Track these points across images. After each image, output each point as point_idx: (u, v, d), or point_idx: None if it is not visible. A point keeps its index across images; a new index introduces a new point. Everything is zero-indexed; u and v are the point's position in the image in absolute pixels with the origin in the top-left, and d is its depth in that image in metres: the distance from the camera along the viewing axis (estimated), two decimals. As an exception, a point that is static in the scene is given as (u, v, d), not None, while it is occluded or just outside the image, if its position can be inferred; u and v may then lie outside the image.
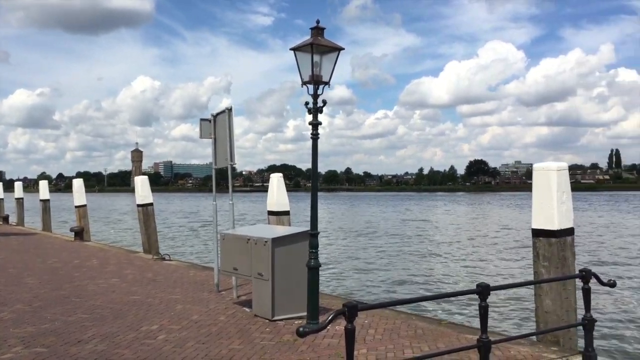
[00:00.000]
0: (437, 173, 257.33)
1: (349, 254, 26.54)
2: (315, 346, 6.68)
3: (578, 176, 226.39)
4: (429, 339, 7.04)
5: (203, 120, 10.32)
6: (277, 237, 8.01)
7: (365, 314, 8.10)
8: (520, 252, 25.92)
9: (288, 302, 8.00)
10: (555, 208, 7.21)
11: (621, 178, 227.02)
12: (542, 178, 7.34)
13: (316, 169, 7.57)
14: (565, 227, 7.30)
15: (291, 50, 7.35)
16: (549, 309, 7.19)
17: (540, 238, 7.33)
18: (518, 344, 6.75)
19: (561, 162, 7.43)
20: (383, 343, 6.87)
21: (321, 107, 7.30)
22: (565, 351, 6.64)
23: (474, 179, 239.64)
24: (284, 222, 11.81)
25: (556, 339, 7.05)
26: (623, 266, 22.30)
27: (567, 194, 7.37)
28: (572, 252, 7.40)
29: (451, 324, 8.24)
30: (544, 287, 7.20)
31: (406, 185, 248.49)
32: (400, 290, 17.33)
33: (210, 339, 7.01)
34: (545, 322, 7.20)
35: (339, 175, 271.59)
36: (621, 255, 25.65)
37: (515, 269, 21.16)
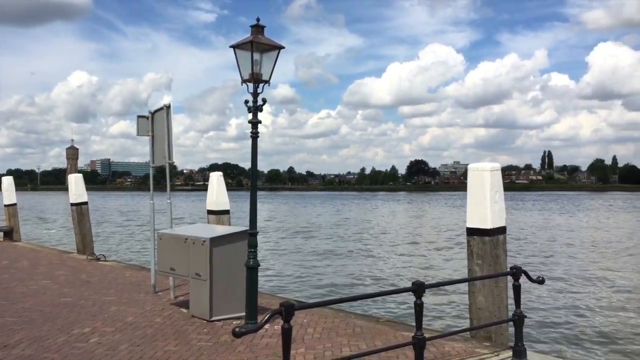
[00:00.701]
0: (378, 173, 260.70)
1: (290, 253, 26.54)
2: (253, 346, 6.63)
3: (513, 176, 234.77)
4: (367, 337, 7.11)
5: (140, 117, 10.07)
6: (215, 237, 7.91)
7: (305, 313, 8.11)
8: (456, 250, 26.59)
9: (226, 302, 7.91)
10: (489, 207, 7.40)
11: (553, 178, 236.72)
12: (476, 178, 7.53)
13: (256, 168, 7.51)
14: (497, 226, 7.51)
15: (231, 47, 7.27)
16: (482, 305, 7.38)
17: (474, 236, 7.52)
18: (452, 340, 6.92)
19: (494, 163, 7.64)
20: (321, 342, 6.89)
21: (261, 105, 7.25)
22: (497, 346, 6.84)
23: (414, 178, 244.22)
24: (224, 221, 11.69)
25: (488, 335, 7.25)
26: (552, 263, 23.25)
27: (500, 193, 7.58)
28: (504, 250, 7.63)
29: (389, 322, 8.35)
30: (477, 284, 7.39)
31: (348, 185, 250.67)
32: (340, 288, 17.46)
33: (145, 341, 6.85)
34: (478, 319, 7.39)
35: (281, 175, 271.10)
36: (550, 253, 26.74)
37: (451, 267, 21.69)
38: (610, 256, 25.62)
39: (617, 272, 20.90)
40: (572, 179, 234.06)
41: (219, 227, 9.70)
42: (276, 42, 7.29)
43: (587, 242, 32.22)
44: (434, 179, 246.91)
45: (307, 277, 19.67)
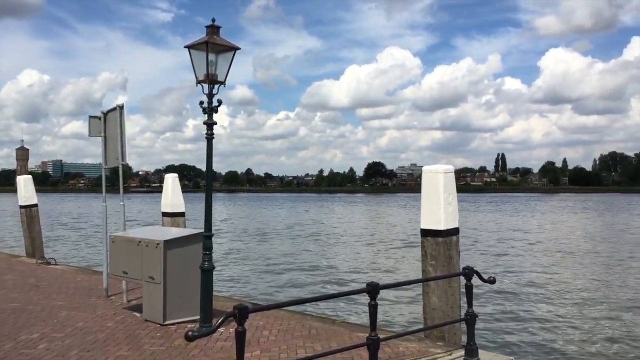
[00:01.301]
0: (337, 175, 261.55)
1: (247, 256, 26.40)
2: (208, 350, 6.57)
3: (468, 179, 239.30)
4: (323, 339, 7.13)
5: (92, 118, 9.85)
6: (170, 240, 7.80)
7: (261, 316, 8.07)
8: (412, 251, 26.94)
9: (181, 305, 7.81)
10: (442, 209, 7.53)
11: (506, 180, 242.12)
12: (430, 181, 7.64)
13: (211, 170, 7.45)
14: (451, 228, 7.65)
15: (186, 48, 7.20)
16: (435, 306, 7.50)
17: (428, 238, 7.64)
18: (407, 341, 6.99)
19: (448, 166, 7.77)
20: (277, 344, 6.88)
21: (217, 107, 7.19)
22: (450, 346, 6.95)
23: (372, 180, 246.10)
24: (179, 223, 11.55)
25: (442, 335, 7.37)
26: (504, 263, 23.79)
27: (453, 195, 7.72)
28: (458, 251, 7.77)
29: (345, 323, 8.39)
30: (431, 285, 7.50)
31: (307, 187, 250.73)
32: (296, 290, 17.47)
33: (97, 347, 6.70)
34: (432, 319, 7.50)
35: (239, 176, 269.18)
36: (502, 253, 27.37)
37: (406, 268, 21.95)
38: (560, 256, 26.38)
39: (566, 272, 21.55)
40: (525, 181, 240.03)
41: (173, 230, 9.58)
42: (232, 43, 7.24)
43: (537, 242, 33.11)
44: (392, 181, 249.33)
45: (264, 280, 19.60)
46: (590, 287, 18.49)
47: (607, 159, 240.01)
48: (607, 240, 34.35)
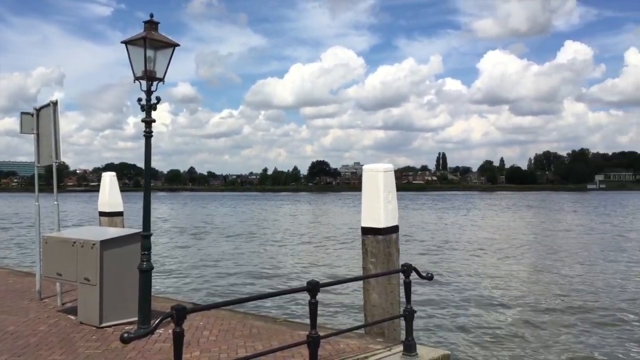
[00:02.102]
0: (281, 173, 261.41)
1: (188, 255, 26.02)
2: (146, 352, 6.44)
3: (410, 177, 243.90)
4: (264, 338, 7.11)
5: (24, 114, 9.47)
6: (106, 240, 7.60)
7: (201, 316, 7.98)
8: (353, 249, 27.21)
9: (118, 307, 7.62)
10: (382, 207, 7.65)
11: (447, 179, 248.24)
12: (370, 179, 7.75)
13: (149, 168, 7.30)
14: (390, 225, 7.79)
15: (123, 43, 7.03)
16: (375, 302, 7.61)
17: (368, 235, 7.75)
18: (347, 338, 7.06)
19: (388, 164, 7.90)
20: (217, 344, 6.82)
21: (155, 104, 7.06)
22: (390, 342, 7.07)
23: (316, 179, 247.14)
24: (117, 223, 11.27)
25: (382, 331, 7.49)
26: (443, 260, 24.37)
27: (393, 193, 7.85)
28: (397, 248, 7.91)
29: (287, 322, 8.40)
30: (371, 282, 7.62)
31: (251, 186, 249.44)
32: (238, 289, 17.36)
33: (28, 351, 6.46)
34: (372, 315, 7.62)
35: (182, 175, 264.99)
36: (441, 250, 28.04)
37: (348, 266, 22.14)
38: (496, 253, 27.23)
39: (502, 267, 22.26)
40: (464, 180, 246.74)
41: (110, 230, 9.35)
42: (171, 39, 7.12)
43: (475, 239, 34.06)
44: (335, 179, 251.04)
45: (205, 279, 19.37)
46: (524, 282, 19.18)
47: (541, 158, 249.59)
48: (539, 236, 35.71)
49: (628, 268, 21.91)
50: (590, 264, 23.16)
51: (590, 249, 28.52)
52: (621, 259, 24.61)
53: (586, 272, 20.91)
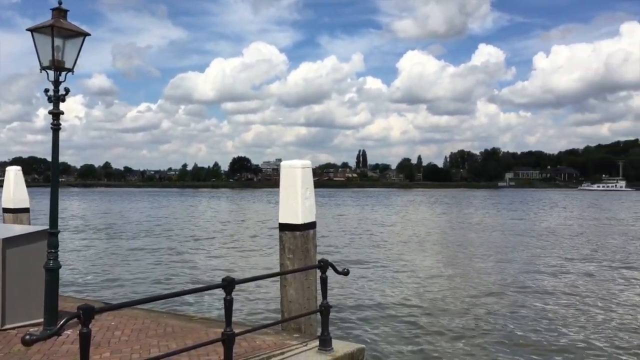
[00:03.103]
0: (201, 169, 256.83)
1: (99, 253, 25.12)
2: (52, 354, 6.17)
3: (331, 174, 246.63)
4: (178, 336, 6.99)
5: None
6: (10, 237, 7.21)
7: (113, 315, 7.74)
8: (272, 245, 27.20)
9: (23, 308, 7.25)
10: (300, 203, 7.68)
11: (367, 176, 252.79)
12: (288, 175, 7.76)
13: (57, 162, 7.02)
14: (308, 221, 7.83)
15: (28, 31, 6.68)
16: (292, 298, 7.65)
17: (286, 232, 7.76)
18: (264, 334, 7.06)
19: (305, 161, 7.93)
20: (129, 344, 6.62)
21: (63, 95, 6.77)
22: (306, 337, 7.13)
23: (237, 175, 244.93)
24: (22, 220, 10.70)
25: (298, 327, 7.53)
26: (360, 255, 24.83)
27: (311, 190, 7.91)
28: (314, 244, 7.97)
29: (203, 320, 8.28)
30: (288, 278, 7.64)
31: (169, 182, 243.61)
32: (153, 288, 16.94)
33: None
34: (289, 311, 7.64)
35: (96, 170, 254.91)
36: (359, 246, 28.57)
37: (266, 262, 22.11)
38: (413, 247, 28.07)
39: (417, 263, 22.95)
40: (384, 177, 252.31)
41: (15, 227, 8.85)
42: (81, 28, 6.84)
43: (392, 235, 34.95)
44: (257, 175, 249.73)
45: (119, 278, 18.77)
46: (438, 276, 19.85)
47: (456, 156, 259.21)
48: (453, 232, 37.12)
49: (530, 259, 23.17)
50: (499, 257, 24.28)
51: (498, 242, 29.94)
52: (524, 250, 25.99)
53: (496, 265, 21.93)
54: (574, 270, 20.95)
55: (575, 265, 22.34)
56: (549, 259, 23.76)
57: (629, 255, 25.47)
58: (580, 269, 21.24)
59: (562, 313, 14.23)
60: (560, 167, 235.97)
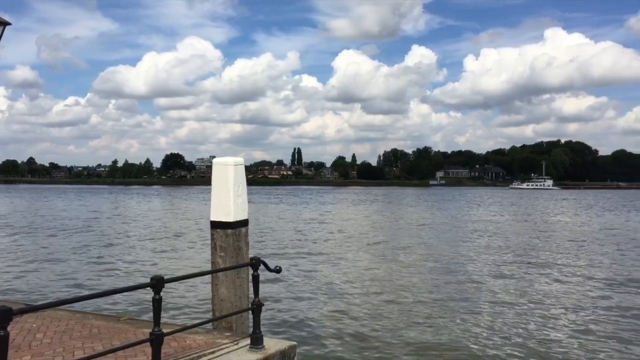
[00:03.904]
0: (132, 166, 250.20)
1: (21, 253, 24.05)
2: (-34, 359, 5.83)
3: (266, 171, 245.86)
4: (105, 338, 6.77)
5: None
6: None
7: (35, 317, 7.41)
8: (203, 243, 26.86)
9: None
10: (232, 201, 7.60)
11: (302, 174, 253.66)
12: (220, 172, 7.67)
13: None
14: (240, 219, 7.76)
15: (-59, 17, 6.29)
16: (224, 297, 7.56)
17: (217, 230, 7.66)
18: (194, 333, 6.94)
19: (238, 158, 7.86)
20: (52, 347, 6.36)
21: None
22: (237, 335, 7.06)
23: (170, 172, 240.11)
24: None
25: (230, 325, 7.46)
26: (295, 253, 24.90)
27: (243, 187, 7.84)
28: (246, 242, 7.91)
29: (131, 320, 8.06)
30: (219, 276, 7.55)
31: (99, 178, 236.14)
32: (80, 288, 16.39)
33: None
34: (220, 310, 7.55)
35: (19, 166, 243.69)
36: (292, 243, 28.62)
37: (198, 260, 21.82)
38: (344, 244, 28.37)
39: (349, 259, 23.22)
40: (318, 175, 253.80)
41: None
42: (1, 17, 6.51)
43: (325, 232, 35.22)
44: (190, 172, 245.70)
45: (43, 277, 18.04)
46: (370, 272, 20.15)
47: (389, 154, 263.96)
48: (385, 228, 37.80)
49: (457, 254, 23.92)
50: (429, 253, 24.92)
51: (428, 238, 30.73)
52: (457, 246, 26.80)
53: (426, 261, 22.49)
54: (498, 265, 21.78)
55: (500, 259, 23.23)
56: (475, 253, 24.60)
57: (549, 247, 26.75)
58: (498, 262, 22.11)
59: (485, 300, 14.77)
60: (488, 166, 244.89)
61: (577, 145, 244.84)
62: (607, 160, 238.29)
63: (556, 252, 25.88)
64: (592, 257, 24.27)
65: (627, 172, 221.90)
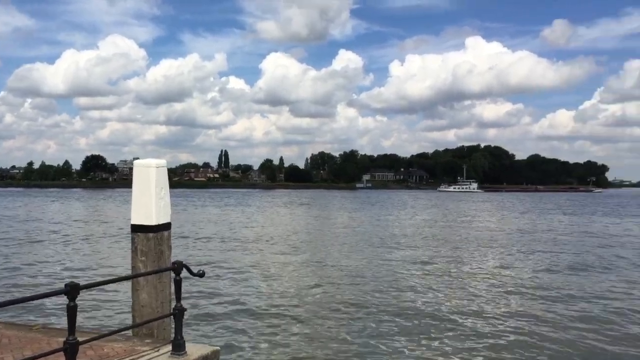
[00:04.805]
0: (49, 167, 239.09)
1: None
2: None
3: (192, 174, 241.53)
4: (15, 348, 6.44)
5: None
6: None
7: (-63, 329, 6.94)
8: (124, 247, 26.05)
9: None
10: (154, 204, 7.42)
11: (228, 176, 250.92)
12: (141, 174, 7.46)
13: None
14: (162, 222, 7.58)
15: None
16: (145, 302, 7.35)
17: (138, 233, 7.45)
18: (112, 341, 6.71)
19: (160, 160, 7.68)
20: (-44, 360, 5.98)
21: None
22: (158, 342, 6.89)
23: (90, 174, 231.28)
24: None
25: (151, 331, 7.26)
26: (218, 256, 24.59)
27: (166, 190, 7.66)
28: (169, 245, 7.73)
29: (44, 329, 7.69)
30: (140, 281, 7.34)
31: (12, 180, 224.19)
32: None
33: None
34: (141, 316, 7.34)
35: None
36: (217, 246, 28.28)
37: (118, 265, 21.15)
38: (269, 247, 28.30)
39: (275, 261, 23.18)
40: (246, 177, 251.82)
41: None
42: None
43: (250, 234, 35.01)
44: (113, 175, 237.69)
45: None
46: (296, 275, 20.20)
47: (316, 158, 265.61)
48: (310, 231, 38.01)
49: (384, 252, 24.39)
50: (356, 254, 25.25)
51: (357, 241, 31.14)
52: (381, 247, 27.31)
53: (352, 261, 22.76)
54: (424, 260, 22.39)
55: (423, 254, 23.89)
56: (399, 251, 25.16)
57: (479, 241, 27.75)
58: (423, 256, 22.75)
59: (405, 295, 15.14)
60: (412, 169, 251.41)
61: (496, 149, 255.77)
62: (523, 164, 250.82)
63: (477, 253, 26.89)
64: (505, 257, 25.39)
65: (541, 176, 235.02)
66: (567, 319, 13.95)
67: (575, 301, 16.05)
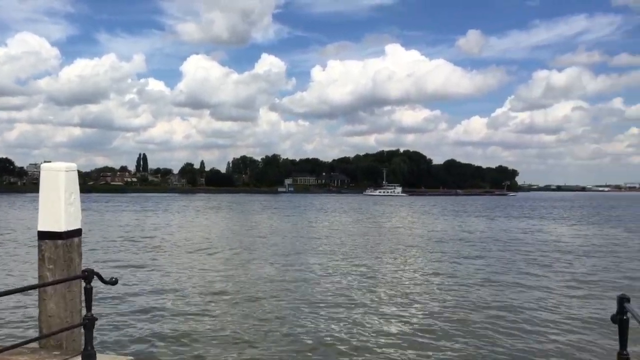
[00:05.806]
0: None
1: None
2: None
3: (109, 178, 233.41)
4: None
5: None
6: None
7: None
8: (30, 255, 24.79)
9: None
10: (63, 209, 7.11)
11: (147, 180, 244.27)
12: (49, 179, 7.15)
13: None
14: (73, 229, 7.28)
15: None
16: (53, 312, 7.03)
17: (46, 240, 7.12)
18: (17, 354, 6.37)
19: (71, 163, 7.38)
20: None
21: None
22: (67, 353, 6.60)
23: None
24: None
25: (60, 343, 6.95)
26: (132, 262, 23.87)
27: (76, 194, 7.37)
28: (79, 252, 7.43)
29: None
30: (48, 290, 7.00)
31: None
32: None
33: None
34: (49, 327, 7.00)
35: None
36: (131, 252, 27.49)
37: (23, 274, 20.10)
38: (187, 252, 27.79)
39: (194, 267, 22.77)
40: (165, 181, 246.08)
41: None
42: None
43: (168, 240, 34.25)
44: (22, 179, 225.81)
45: None
46: (214, 279, 19.92)
47: (238, 161, 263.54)
48: (229, 236, 37.67)
49: (307, 257, 24.57)
50: (279, 259, 25.24)
51: (277, 245, 31.14)
52: (304, 250, 27.47)
53: (275, 267, 22.74)
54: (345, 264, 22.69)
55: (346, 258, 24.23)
56: (323, 254, 25.40)
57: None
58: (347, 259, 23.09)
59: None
60: (334, 173, 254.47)
61: (414, 154, 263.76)
62: (440, 168, 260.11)
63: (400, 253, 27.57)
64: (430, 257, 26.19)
65: (457, 180, 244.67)
66: (476, 317, 14.54)
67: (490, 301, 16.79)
